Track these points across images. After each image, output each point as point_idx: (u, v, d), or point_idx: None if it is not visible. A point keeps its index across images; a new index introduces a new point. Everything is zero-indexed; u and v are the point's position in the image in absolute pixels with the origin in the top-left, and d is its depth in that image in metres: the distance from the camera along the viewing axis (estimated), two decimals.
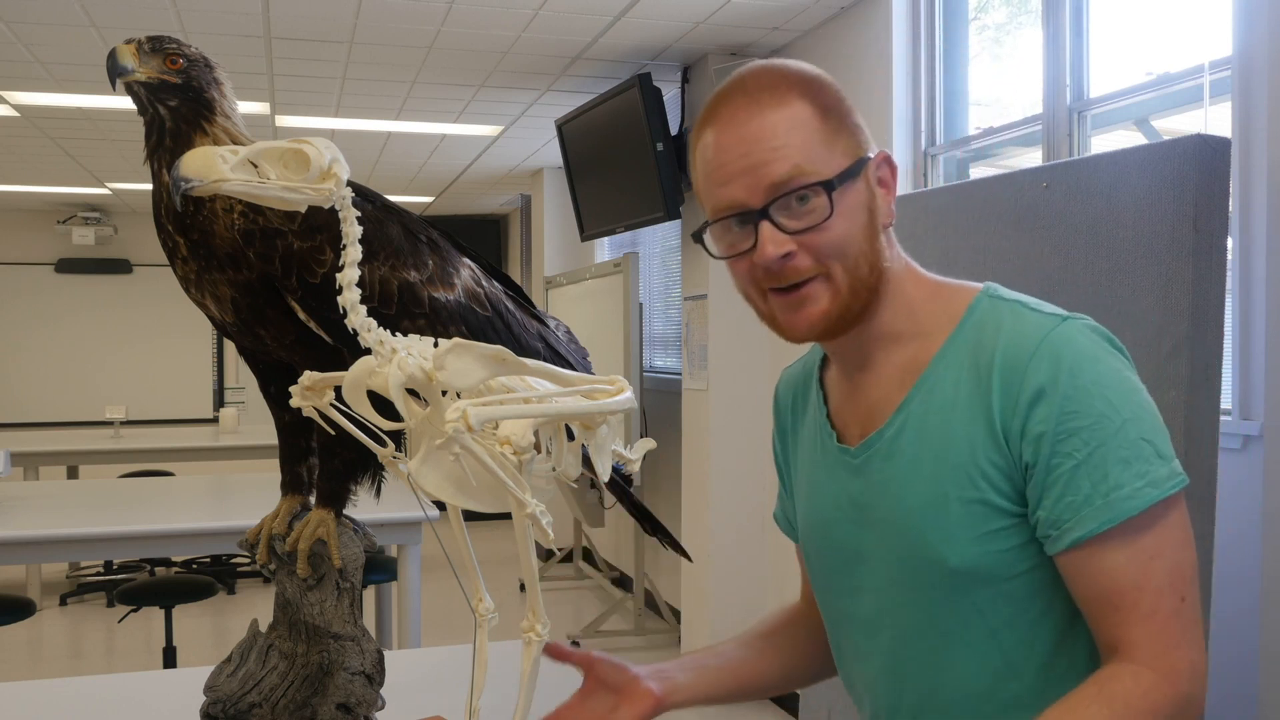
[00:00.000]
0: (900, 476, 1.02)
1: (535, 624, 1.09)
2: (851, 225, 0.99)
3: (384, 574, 3.77)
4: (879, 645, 1.07)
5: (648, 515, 1.53)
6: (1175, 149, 1.71)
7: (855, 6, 3.61)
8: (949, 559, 0.98)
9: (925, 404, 1.01)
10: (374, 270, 1.22)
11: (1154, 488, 0.91)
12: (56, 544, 3.07)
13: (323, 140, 0.99)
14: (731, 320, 4.27)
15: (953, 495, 0.98)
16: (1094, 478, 0.91)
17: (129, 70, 1.20)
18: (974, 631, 1.00)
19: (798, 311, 1.01)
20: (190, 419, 8.99)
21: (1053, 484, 0.93)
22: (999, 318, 1.01)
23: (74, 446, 5.79)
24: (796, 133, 0.98)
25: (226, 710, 1.26)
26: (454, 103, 5.01)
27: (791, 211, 0.98)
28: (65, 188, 7.55)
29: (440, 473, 1.01)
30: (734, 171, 0.99)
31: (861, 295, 1.01)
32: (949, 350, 1.02)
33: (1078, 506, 0.92)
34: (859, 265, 1.00)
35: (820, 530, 1.13)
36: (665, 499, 5.31)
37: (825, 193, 0.97)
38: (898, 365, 1.05)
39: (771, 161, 0.97)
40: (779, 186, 0.97)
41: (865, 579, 1.07)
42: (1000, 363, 0.97)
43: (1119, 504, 0.91)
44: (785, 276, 1.00)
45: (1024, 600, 0.99)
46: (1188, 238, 1.67)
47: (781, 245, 0.98)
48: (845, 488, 1.09)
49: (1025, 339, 0.96)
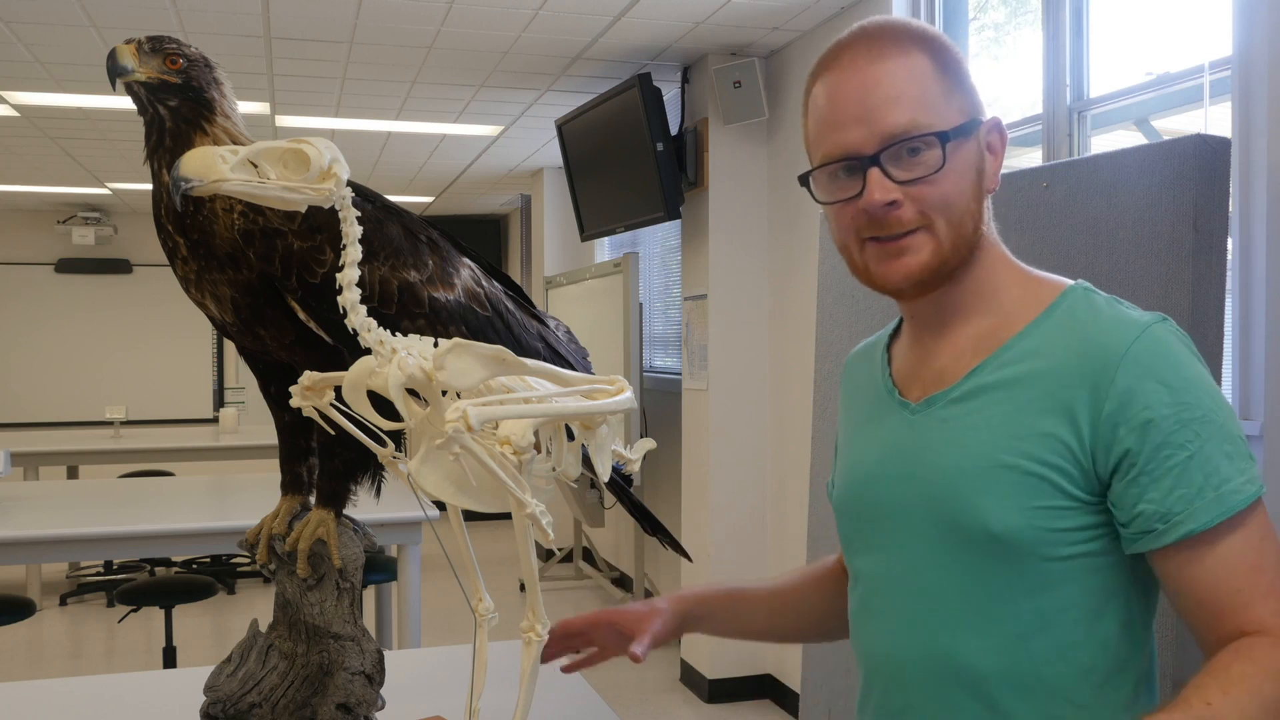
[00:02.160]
0: (956, 437, 1.01)
1: (535, 624, 1.09)
2: (960, 182, 1.00)
3: (384, 574, 3.77)
4: (896, 605, 1.06)
5: (647, 515, 1.53)
6: (1175, 149, 1.71)
7: (855, 6, 3.61)
8: (991, 523, 0.97)
9: (998, 374, 1.01)
10: (374, 270, 1.22)
11: (1253, 485, 0.93)
12: (56, 544, 3.07)
13: (322, 140, 0.99)
14: (731, 320, 4.28)
15: (1008, 464, 0.97)
16: (1205, 470, 0.92)
17: (129, 70, 1.20)
18: (996, 602, 0.99)
19: (895, 260, 1.01)
20: (190, 419, 8.98)
21: (1163, 475, 0.92)
22: (1094, 308, 1.01)
23: (74, 446, 5.79)
24: (915, 83, 0.99)
25: (226, 710, 1.26)
26: (454, 103, 5.01)
27: (902, 162, 0.98)
28: (65, 188, 7.55)
29: (440, 473, 1.01)
30: (850, 117, 1.00)
31: (961, 252, 1.01)
32: (1035, 329, 1.02)
33: (1190, 499, 0.92)
34: (964, 222, 1.01)
35: (860, 483, 1.13)
36: (665, 499, 5.31)
37: (940, 144, 0.98)
38: (973, 336, 1.05)
39: (889, 109, 0.98)
40: (894, 135, 0.98)
41: (895, 535, 1.06)
42: (1094, 349, 0.96)
43: (1229, 498, 0.92)
44: (888, 226, 1.00)
45: (1055, 584, 0.97)
46: (1188, 238, 1.67)
47: (889, 192, 0.99)
48: (896, 440, 1.08)
49: (1125, 329, 0.97)
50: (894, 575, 1.07)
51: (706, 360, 4.32)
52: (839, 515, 1.18)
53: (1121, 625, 0.99)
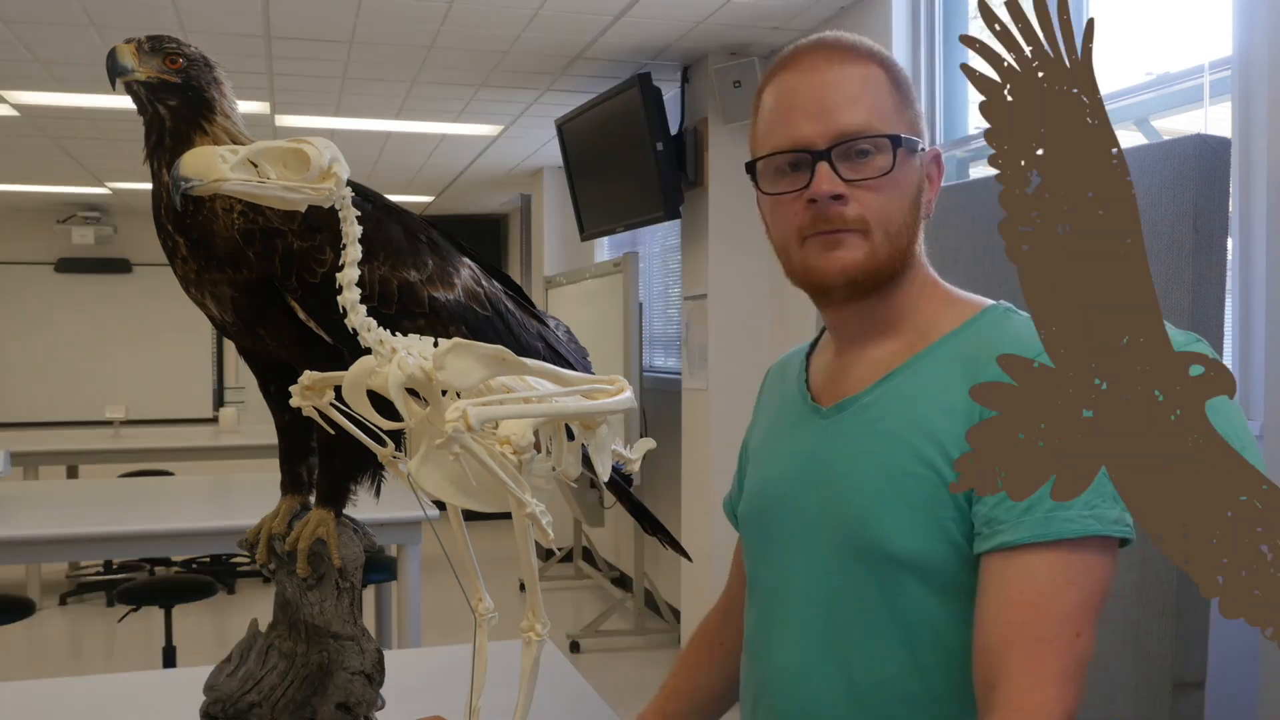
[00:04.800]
0: (865, 446, 1.02)
1: (535, 624, 1.09)
2: (902, 196, 1.01)
3: (384, 574, 3.77)
4: (795, 614, 1.06)
5: (647, 515, 1.52)
6: (1175, 149, 1.71)
7: (855, 6, 3.61)
8: (892, 543, 0.97)
9: (908, 383, 1.02)
10: (374, 270, 1.22)
11: (1097, 522, 0.89)
12: (56, 544, 3.07)
13: (322, 140, 0.99)
14: (731, 320, 4.28)
15: (913, 473, 0.97)
16: (1043, 491, 0.91)
17: (129, 70, 1.20)
18: (894, 614, 0.99)
19: (832, 252, 1.01)
20: (190, 419, 8.98)
21: None
22: (1006, 325, 1.01)
23: (74, 446, 5.79)
24: (872, 91, 1.01)
25: (226, 710, 1.26)
26: (454, 102, 5.01)
27: (851, 162, 1.00)
28: (65, 187, 7.55)
29: (440, 472, 1.01)
30: (806, 112, 1.01)
31: (893, 263, 1.02)
32: (946, 343, 1.03)
33: (1020, 512, 0.90)
34: (900, 235, 1.02)
35: (767, 490, 1.13)
36: (665, 499, 5.31)
37: (892, 147, 0.99)
38: (890, 351, 1.06)
39: (846, 108, 0.99)
40: (847, 134, 0.99)
41: (798, 541, 1.06)
42: (992, 356, 0.96)
43: (1057, 524, 0.88)
44: (829, 220, 1.01)
45: (946, 599, 0.97)
46: (1188, 238, 1.67)
47: (836, 185, 1.00)
48: (807, 446, 1.08)
49: (1031, 342, 0.96)
50: (795, 583, 1.06)
51: (706, 360, 4.32)
52: (743, 522, 1.17)
53: None
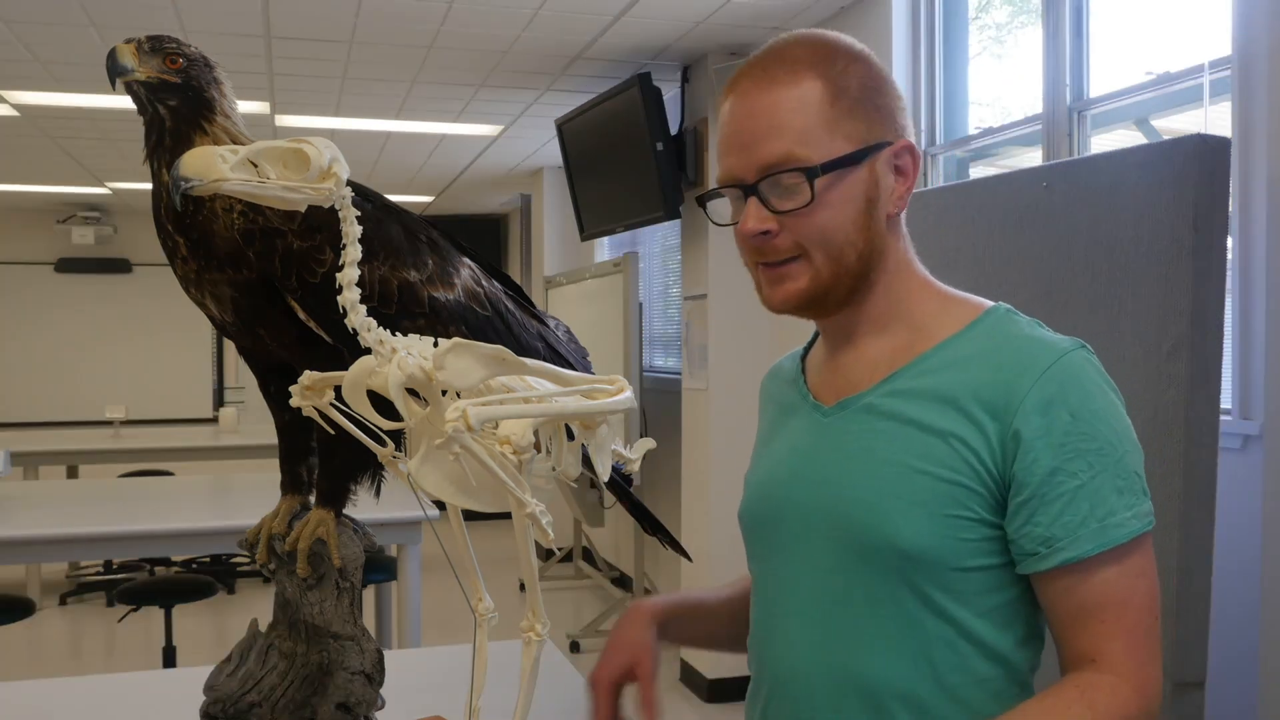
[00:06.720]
0: (868, 443, 1.01)
1: (535, 624, 1.09)
2: (838, 214, 1.00)
3: (384, 574, 3.77)
4: (798, 613, 1.05)
5: (647, 515, 1.53)
6: (1175, 149, 1.71)
7: (855, 6, 3.61)
8: (900, 538, 0.97)
9: (915, 383, 1.01)
10: (374, 270, 1.22)
11: (1139, 520, 0.95)
12: (56, 543, 3.07)
13: (322, 140, 0.99)
14: (731, 320, 4.27)
15: (920, 469, 0.97)
16: (1093, 501, 0.93)
17: (129, 70, 1.20)
18: (902, 615, 0.98)
19: (779, 285, 1.04)
20: (190, 419, 8.98)
21: (1053, 500, 0.93)
22: (1014, 328, 1.01)
23: (74, 446, 5.79)
24: (799, 114, 0.99)
25: (226, 710, 1.26)
26: (454, 102, 5.01)
27: (780, 191, 1.00)
28: (65, 187, 7.55)
29: (440, 472, 1.01)
30: (736, 144, 1.02)
31: (845, 281, 1.02)
32: (954, 343, 1.02)
33: (1074, 527, 0.93)
34: (844, 253, 1.01)
35: (769, 484, 1.12)
36: (665, 499, 5.31)
37: (807, 180, 0.98)
38: (887, 348, 1.05)
39: (766, 140, 0.99)
40: (770, 166, 0.99)
41: (801, 540, 1.05)
42: (1010, 367, 0.97)
43: (1112, 530, 0.93)
44: (764, 253, 1.03)
45: (962, 598, 0.97)
46: (1188, 238, 1.67)
47: (763, 222, 1.00)
48: (808, 444, 1.08)
49: (1043, 352, 0.97)
50: (798, 582, 1.06)
51: (706, 360, 4.32)
52: (745, 521, 1.16)
53: (1020, 639, 1.00)
